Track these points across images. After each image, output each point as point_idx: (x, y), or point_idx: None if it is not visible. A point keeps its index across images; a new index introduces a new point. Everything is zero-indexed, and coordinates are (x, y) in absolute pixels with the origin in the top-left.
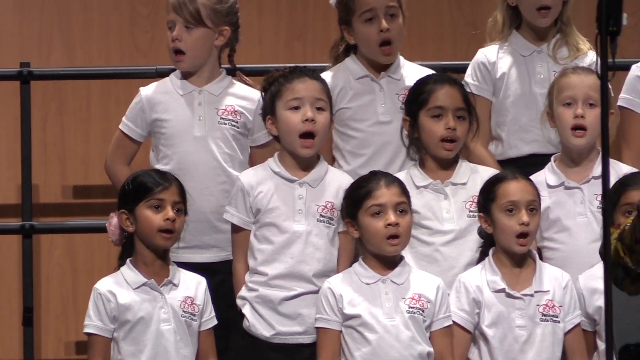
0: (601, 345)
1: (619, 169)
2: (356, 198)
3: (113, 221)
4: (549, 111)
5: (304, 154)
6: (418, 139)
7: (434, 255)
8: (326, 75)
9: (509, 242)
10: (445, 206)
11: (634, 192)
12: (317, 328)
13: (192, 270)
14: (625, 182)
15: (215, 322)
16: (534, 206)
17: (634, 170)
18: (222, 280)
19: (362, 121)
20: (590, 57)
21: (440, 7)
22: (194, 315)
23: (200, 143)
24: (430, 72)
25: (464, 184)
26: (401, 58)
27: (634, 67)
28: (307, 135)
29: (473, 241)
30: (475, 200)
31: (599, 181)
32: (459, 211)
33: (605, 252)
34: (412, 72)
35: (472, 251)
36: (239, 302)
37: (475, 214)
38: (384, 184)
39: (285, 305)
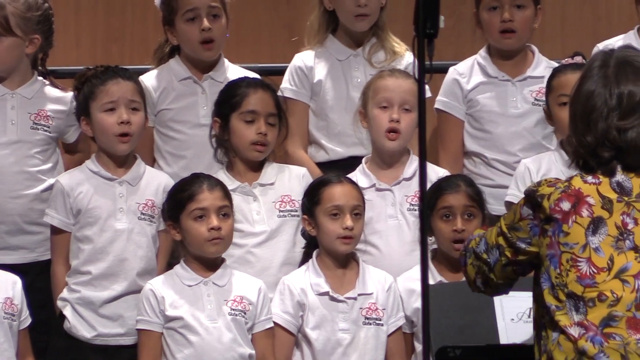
0: (419, 346)
1: (433, 172)
2: (179, 201)
3: None
4: (362, 111)
5: (121, 151)
6: (228, 141)
7: (247, 257)
8: (150, 76)
9: (332, 244)
10: (255, 208)
11: (450, 196)
12: (138, 330)
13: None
14: (442, 186)
15: (30, 320)
16: (358, 211)
17: (448, 173)
18: (31, 281)
19: (183, 123)
20: (406, 60)
21: (258, 9)
22: (14, 315)
23: (11, 147)
24: (251, 74)
25: (272, 184)
26: (226, 60)
27: (451, 69)
28: (123, 134)
29: (285, 241)
30: (285, 200)
31: (410, 182)
32: (269, 212)
33: (422, 253)
34: (235, 75)
35: (285, 251)
36: (59, 303)
37: (286, 213)
38: (207, 188)
39: (106, 307)
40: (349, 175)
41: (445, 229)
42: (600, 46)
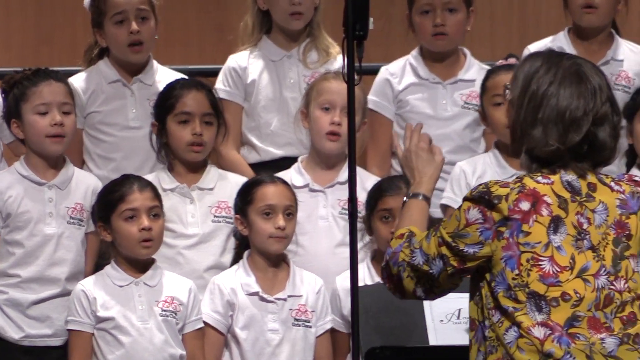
0: None
1: (366, 179)
2: (109, 202)
3: None
4: (304, 111)
5: (54, 152)
6: (167, 144)
7: (177, 258)
8: (79, 78)
9: (264, 244)
10: (191, 210)
11: (391, 198)
12: (68, 330)
13: None
14: (382, 187)
15: None
16: (290, 211)
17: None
18: None
19: (112, 125)
20: (339, 62)
21: (187, 10)
22: None
23: None
24: (181, 76)
25: (211, 189)
26: (155, 63)
27: (382, 69)
28: (56, 136)
29: (216, 246)
30: (221, 206)
31: (345, 186)
32: (203, 216)
33: (352, 255)
34: (165, 77)
35: (215, 256)
36: None
37: (220, 219)
38: (137, 188)
39: (34, 308)
40: (284, 173)
41: (384, 230)
42: (532, 47)
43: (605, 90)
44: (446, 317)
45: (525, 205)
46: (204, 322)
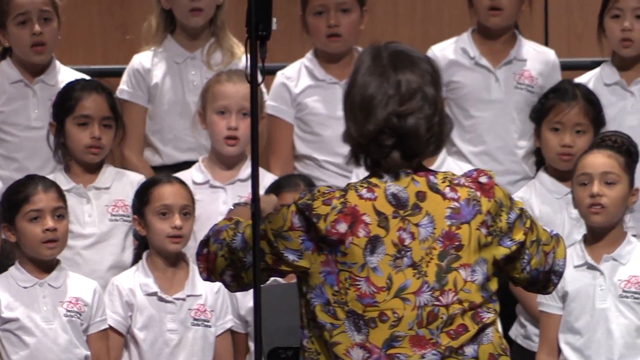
0: (252, 345)
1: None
2: (13, 202)
3: None
4: (201, 112)
5: None
6: (64, 144)
7: (75, 259)
8: None
9: (162, 244)
10: (88, 210)
11: (289, 195)
12: None
13: None
14: (281, 184)
15: None
16: (187, 210)
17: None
18: None
19: (14, 126)
20: (243, 62)
21: (90, 11)
22: None
23: None
24: (84, 76)
25: (107, 188)
26: (57, 63)
27: (279, 74)
28: None
29: (115, 245)
30: (118, 204)
31: (245, 184)
32: (100, 215)
33: (254, 254)
34: (67, 77)
35: (114, 255)
36: None
37: (118, 217)
38: (42, 189)
39: None
40: (186, 172)
41: None
42: (435, 48)
43: (418, 83)
44: None
45: (342, 227)
46: None
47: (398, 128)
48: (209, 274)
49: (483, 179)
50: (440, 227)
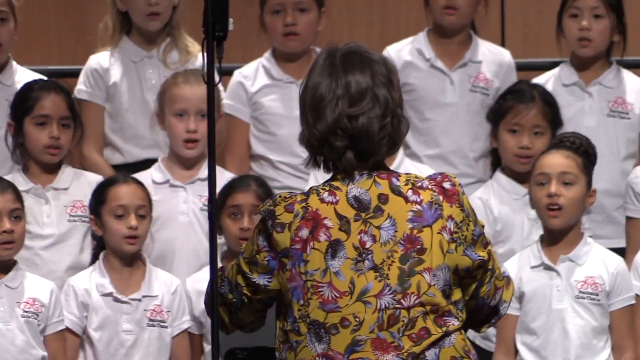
0: (207, 347)
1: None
2: None
3: None
4: (159, 113)
5: None
6: (22, 144)
7: (34, 259)
8: None
9: (118, 244)
10: (46, 211)
11: (240, 195)
12: None
13: None
14: (232, 184)
15: None
16: (143, 211)
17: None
18: None
19: None
20: (200, 60)
21: (46, 11)
22: None
23: None
24: (40, 77)
25: (66, 189)
26: (14, 63)
27: (236, 73)
28: None
29: (73, 246)
30: (77, 205)
31: (205, 183)
32: (59, 216)
33: (212, 253)
34: (24, 78)
35: (72, 255)
36: None
37: (76, 218)
38: None
39: None
40: (145, 172)
41: (233, 227)
42: (390, 49)
43: (369, 84)
44: None
45: (304, 233)
46: None
47: (349, 129)
48: (224, 327)
49: (447, 185)
50: (402, 230)
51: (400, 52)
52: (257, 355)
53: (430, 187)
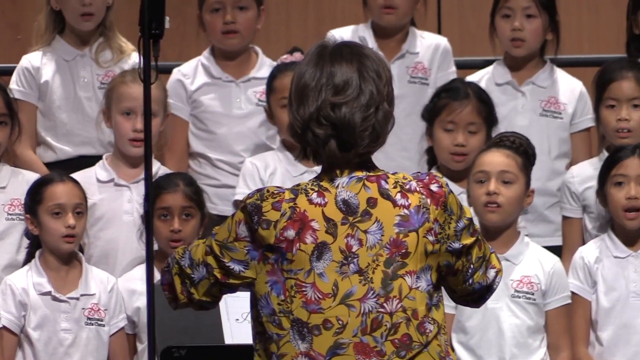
0: (140, 346)
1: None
2: None
3: None
4: (105, 110)
5: None
6: None
7: None
8: None
9: (55, 243)
10: None
11: (169, 196)
12: None
13: None
14: (160, 184)
15: None
16: (80, 209)
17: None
18: None
19: None
20: (133, 59)
21: None
22: None
23: None
24: None
25: (4, 187)
26: None
27: (175, 71)
28: None
29: (11, 244)
30: (15, 204)
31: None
32: None
33: (148, 253)
34: None
35: (10, 254)
36: None
37: (14, 216)
38: None
39: None
40: (89, 169)
41: (162, 228)
42: (335, 32)
43: (354, 75)
44: (242, 316)
45: (290, 234)
46: None
47: (332, 117)
48: (176, 302)
49: (434, 187)
50: (389, 235)
51: (342, 37)
52: (194, 354)
53: (418, 189)
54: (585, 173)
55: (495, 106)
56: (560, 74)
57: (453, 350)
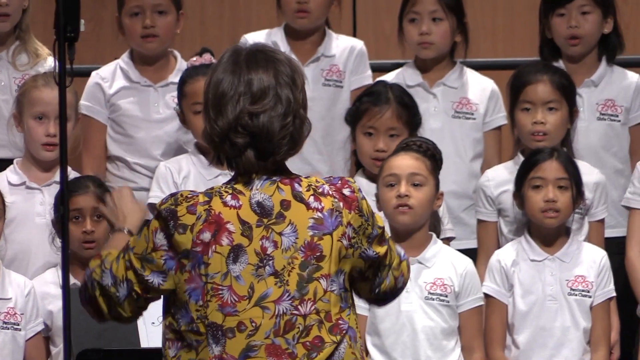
0: (54, 349)
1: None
2: None
3: None
4: (16, 115)
5: None
6: None
7: None
8: None
9: None
10: None
11: (80, 198)
12: None
13: None
14: (70, 188)
15: None
16: None
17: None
18: None
19: None
20: (49, 63)
21: None
22: None
23: None
24: None
25: None
26: None
27: (93, 74)
28: None
29: None
30: None
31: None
32: None
33: (63, 255)
34: None
35: None
36: None
37: None
38: None
39: None
40: (1, 173)
41: (75, 230)
42: (248, 37)
43: (271, 82)
44: (157, 320)
45: (206, 237)
46: None
47: (250, 126)
48: (100, 316)
49: (346, 191)
50: (303, 237)
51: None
52: (110, 358)
53: (331, 193)
54: (500, 177)
55: None
56: (471, 74)
57: (367, 354)
